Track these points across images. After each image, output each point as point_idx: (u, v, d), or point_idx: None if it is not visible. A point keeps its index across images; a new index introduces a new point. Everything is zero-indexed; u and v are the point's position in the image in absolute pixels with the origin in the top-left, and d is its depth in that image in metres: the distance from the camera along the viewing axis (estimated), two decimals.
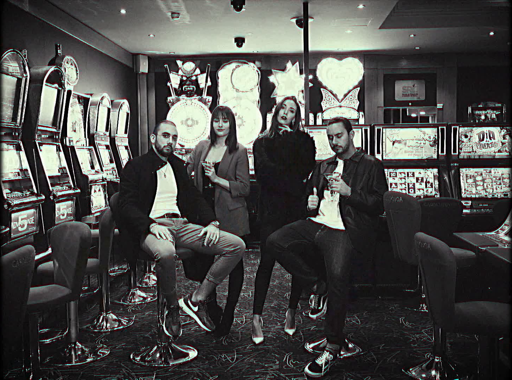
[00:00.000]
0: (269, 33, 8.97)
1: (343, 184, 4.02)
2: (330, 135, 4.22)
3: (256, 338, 4.44)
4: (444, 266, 2.66)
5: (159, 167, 4.19)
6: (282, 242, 4.02)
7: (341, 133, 4.17)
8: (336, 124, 4.19)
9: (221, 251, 4.01)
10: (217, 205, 4.39)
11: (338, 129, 4.17)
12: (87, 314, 5.20)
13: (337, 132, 4.17)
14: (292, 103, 4.40)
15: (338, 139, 4.17)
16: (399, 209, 4.03)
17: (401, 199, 3.97)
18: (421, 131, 6.06)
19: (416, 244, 2.87)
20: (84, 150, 6.36)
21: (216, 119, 4.44)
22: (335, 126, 4.18)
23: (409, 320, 4.94)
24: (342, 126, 4.19)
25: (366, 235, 4.05)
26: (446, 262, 2.65)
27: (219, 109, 4.48)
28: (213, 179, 4.35)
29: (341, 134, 4.16)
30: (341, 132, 4.17)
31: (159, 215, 4.12)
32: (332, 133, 4.19)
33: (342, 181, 4.03)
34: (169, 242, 3.80)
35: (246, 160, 4.50)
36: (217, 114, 4.44)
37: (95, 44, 8.66)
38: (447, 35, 9.41)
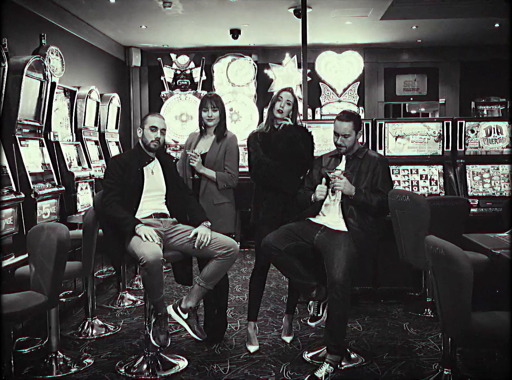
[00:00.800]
0: (266, 24, 8.78)
1: (347, 183, 3.78)
2: (336, 132, 3.95)
3: (251, 346, 4.19)
4: (460, 273, 2.39)
5: (146, 163, 3.94)
6: (279, 244, 3.76)
7: (349, 135, 3.91)
8: (347, 124, 3.90)
9: (213, 253, 3.75)
10: (202, 197, 4.17)
11: (346, 130, 3.90)
12: (73, 319, 4.94)
13: (345, 132, 3.90)
14: (289, 96, 4.14)
15: (344, 140, 3.92)
16: (406, 209, 3.76)
17: (408, 198, 3.70)
18: (425, 126, 5.81)
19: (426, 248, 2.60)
20: (71, 146, 6.11)
21: (205, 108, 4.19)
22: (346, 127, 3.90)
23: (414, 326, 4.68)
24: (352, 127, 3.91)
25: (369, 237, 3.80)
26: (462, 268, 2.39)
27: (208, 98, 4.22)
28: (198, 170, 4.12)
29: (348, 135, 3.90)
30: (349, 133, 3.91)
31: (146, 214, 3.87)
32: (340, 132, 3.92)
33: (346, 180, 3.78)
34: (156, 245, 3.54)
35: (236, 150, 4.27)
36: (205, 103, 4.19)
37: (85, 36, 8.43)
38: (451, 27, 9.19)
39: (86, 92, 6.63)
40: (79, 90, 6.55)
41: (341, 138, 3.91)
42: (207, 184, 4.16)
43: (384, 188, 3.85)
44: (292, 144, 4.04)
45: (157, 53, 10.36)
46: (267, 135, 4.14)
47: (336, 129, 3.93)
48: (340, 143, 3.92)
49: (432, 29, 9.40)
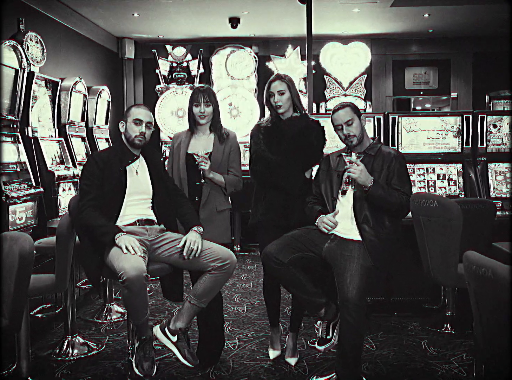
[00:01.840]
0: (267, 11, 8.40)
1: (364, 170, 3.32)
2: (338, 125, 3.55)
3: (272, 351, 4.00)
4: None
5: (129, 162, 3.49)
6: (282, 255, 3.32)
7: (352, 120, 3.51)
8: (343, 111, 3.54)
9: (206, 266, 3.30)
10: (205, 205, 3.75)
11: (347, 116, 3.52)
12: (52, 336, 4.48)
13: (346, 119, 3.51)
14: (278, 85, 3.75)
15: (349, 128, 3.51)
16: (434, 216, 3.28)
17: (436, 202, 3.22)
18: (442, 121, 5.42)
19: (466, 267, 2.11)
20: (52, 142, 5.67)
21: (197, 103, 3.76)
22: (343, 113, 3.53)
23: (434, 344, 4.21)
24: (351, 111, 3.54)
25: (387, 247, 3.35)
26: None
27: (199, 91, 3.78)
28: (207, 174, 3.67)
29: (351, 120, 3.51)
30: (351, 118, 3.51)
31: (129, 221, 3.42)
32: (340, 122, 3.53)
33: (363, 166, 3.33)
34: (139, 257, 3.08)
35: (239, 150, 3.91)
36: (197, 97, 3.76)
37: (72, 24, 8.02)
38: (465, 15, 8.78)
39: (71, 84, 6.22)
40: (63, 82, 6.15)
41: (346, 128, 3.52)
42: (210, 189, 3.76)
43: (402, 187, 3.42)
44: (299, 137, 3.69)
45: (152, 44, 10.08)
46: (270, 128, 3.79)
47: (336, 122, 3.57)
48: (347, 132, 3.51)
49: (445, 18, 9.00)
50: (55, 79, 5.89)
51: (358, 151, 3.53)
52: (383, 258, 3.30)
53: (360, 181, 3.31)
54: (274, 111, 3.79)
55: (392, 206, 3.33)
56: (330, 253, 3.35)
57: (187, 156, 3.76)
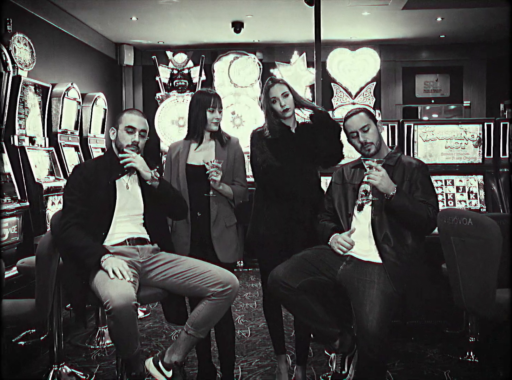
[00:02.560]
0: (272, 15, 8.13)
1: (386, 176, 2.96)
2: (353, 132, 3.23)
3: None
4: None
5: (120, 175, 3.15)
6: (291, 280, 2.98)
7: (368, 125, 3.20)
8: (357, 116, 3.23)
9: (205, 291, 2.94)
10: (216, 221, 3.42)
11: (362, 121, 3.20)
12: (38, 364, 4.12)
13: (362, 124, 3.19)
14: (278, 88, 3.44)
15: (365, 134, 3.19)
16: (468, 237, 2.90)
17: (471, 221, 2.84)
18: (461, 129, 5.13)
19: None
20: (41, 152, 5.35)
21: (211, 109, 3.41)
22: (357, 119, 3.22)
23: (457, 375, 3.83)
24: (366, 116, 3.23)
25: (412, 270, 2.98)
26: None
27: (213, 96, 3.45)
28: (217, 186, 3.34)
29: (367, 126, 3.19)
30: (366, 123, 3.20)
31: (118, 240, 3.08)
32: (355, 128, 3.20)
33: (385, 172, 2.97)
34: (128, 283, 2.73)
35: (243, 157, 3.59)
36: (211, 101, 3.41)
37: (67, 28, 7.74)
38: (480, 18, 8.50)
39: (63, 90, 5.93)
40: (54, 88, 5.87)
41: (362, 135, 3.19)
42: (219, 203, 3.43)
43: (427, 199, 3.07)
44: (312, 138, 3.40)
45: (152, 51, 9.84)
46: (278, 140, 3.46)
47: (350, 128, 3.25)
48: (364, 140, 3.19)
49: (458, 22, 8.73)
50: (45, 84, 5.58)
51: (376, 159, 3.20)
52: (406, 283, 2.94)
53: (381, 188, 2.95)
54: (277, 119, 3.47)
55: (418, 219, 2.98)
56: (346, 277, 3.00)
57: (187, 167, 3.44)
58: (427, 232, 3.09)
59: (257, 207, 3.53)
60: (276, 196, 3.42)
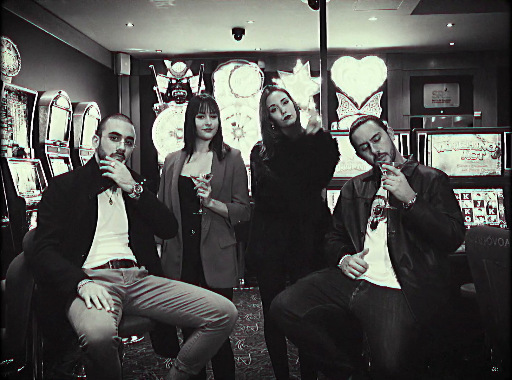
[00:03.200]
0: (274, 20, 7.91)
1: (404, 182, 2.66)
2: (363, 144, 2.94)
3: None
4: None
5: (102, 188, 2.83)
6: (297, 309, 2.66)
7: (378, 134, 2.91)
8: (365, 126, 2.94)
9: (199, 321, 2.62)
10: (206, 241, 3.13)
11: (371, 131, 2.91)
12: None
13: (371, 134, 2.91)
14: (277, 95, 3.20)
15: (377, 144, 2.90)
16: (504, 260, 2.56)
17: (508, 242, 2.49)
18: (479, 138, 4.82)
19: None
20: (26, 164, 5.06)
21: (201, 114, 3.15)
22: (366, 128, 2.93)
23: None
24: (375, 124, 2.95)
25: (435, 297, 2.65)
26: None
27: (202, 100, 3.19)
28: (207, 203, 3.05)
29: (378, 135, 2.90)
30: (377, 132, 2.91)
31: (99, 263, 2.76)
32: (365, 139, 2.92)
33: (403, 178, 2.67)
34: (108, 314, 2.39)
35: (245, 172, 3.30)
36: (200, 106, 3.16)
37: (59, 34, 7.49)
38: (492, 24, 8.28)
39: (51, 98, 5.64)
40: (42, 95, 5.60)
41: (374, 145, 2.90)
42: (212, 221, 3.14)
43: (451, 213, 2.75)
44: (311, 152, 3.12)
45: (149, 60, 9.69)
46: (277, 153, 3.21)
47: (359, 139, 2.95)
48: (376, 150, 2.89)
49: (469, 28, 8.52)
50: (31, 91, 5.30)
51: None
52: (429, 311, 2.60)
53: (399, 195, 2.64)
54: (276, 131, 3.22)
55: (442, 234, 2.65)
56: (360, 305, 2.66)
57: (179, 180, 3.16)
58: (452, 250, 2.76)
59: (255, 225, 3.29)
60: (275, 213, 3.16)
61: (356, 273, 2.74)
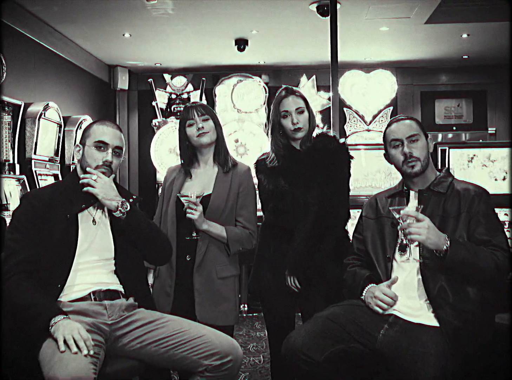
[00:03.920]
0: (279, 30, 7.60)
1: (432, 228, 2.27)
2: (396, 140, 2.56)
3: None
4: None
5: (84, 206, 2.46)
6: (314, 351, 2.26)
7: (417, 135, 2.54)
8: (404, 123, 2.58)
9: (197, 365, 2.24)
10: (199, 268, 2.78)
11: (411, 130, 2.55)
12: None
13: (409, 133, 2.54)
14: (293, 101, 2.94)
15: (412, 145, 2.53)
16: None
17: None
18: None
19: None
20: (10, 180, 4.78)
21: (191, 121, 2.87)
22: (405, 126, 2.57)
23: None
24: (417, 125, 2.58)
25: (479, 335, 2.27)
26: None
27: (188, 108, 2.94)
28: (199, 226, 2.73)
29: (416, 136, 2.54)
30: (416, 133, 2.54)
31: (79, 294, 2.37)
32: (401, 136, 2.55)
33: (429, 222, 2.28)
34: (84, 359, 1.99)
35: (253, 190, 2.98)
36: (188, 113, 2.90)
37: (51, 44, 7.16)
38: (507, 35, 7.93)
39: (39, 110, 5.32)
40: (30, 107, 5.30)
41: (408, 146, 2.53)
42: (209, 247, 2.80)
43: (492, 237, 2.38)
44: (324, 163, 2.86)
45: (148, 74, 9.44)
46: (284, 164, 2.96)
47: (394, 134, 2.58)
48: (409, 151, 2.52)
49: (485, 39, 8.22)
50: (16, 102, 5.01)
51: (419, 188, 2.54)
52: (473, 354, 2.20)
53: (430, 244, 2.26)
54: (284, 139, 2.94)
55: (483, 272, 2.28)
56: (390, 346, 2.25)
57: (177, 200, 2.83)
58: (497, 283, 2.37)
59: (262, 247, 3.01)
60: (285, 234, 2.89)
61: (384, 306, 2.34)
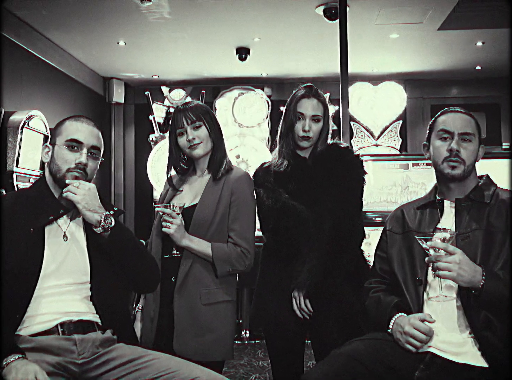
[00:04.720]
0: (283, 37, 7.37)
1: (465, 261, 1.89)
2: (445, 131, 2.20)
3: None
4: None
5: (52, 218, 2.06)
6: None
7: (471, 135, 2.18)
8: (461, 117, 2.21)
9: None
10: (180, 290, 2.40)
11: (467, 127, 2.20)
12: None
13: (464, 130, 2.19)
14: (313, 106, 2.62)
15: (463, 145, 2.17)
16: None
17: None
18: None
19: None
20: None
21: (180, 130, 2.49)
22: (462, 120, 2.22)
23: None
24: (474, 124, 2.22)
25: None
26: None
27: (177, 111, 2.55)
28: (178, 241, 2.37)
29: (470, 137, 2.18)
30: (472, 132, 2.17)
31: (43, 326, 1.96)
32: (452, 128, 2.19)
33: (461, 255, 1.90)
34: None
35: (250, 199, 2.56)
36: (177, 121, 2.51)
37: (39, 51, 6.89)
38: None
39: (22, 119, 4.99)
40: (12, 116, 4.99)
41: (458, 142, 2.16)
42: (193, 266, 2.41)
43: None
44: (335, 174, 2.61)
45: (145, 87, 9.29)
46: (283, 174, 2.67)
47: (446, 125, 2.23)
48: (456, 148, 2.16)
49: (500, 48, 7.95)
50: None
51: (456, 197, 2.17)
52: None
53: (464, 281, 1.90)
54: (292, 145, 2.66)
55: None
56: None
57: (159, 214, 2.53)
58: None
59: (264, 272, 2.70)
60: (292, 255, 2.53)
61: (417, 344, 1.92)
